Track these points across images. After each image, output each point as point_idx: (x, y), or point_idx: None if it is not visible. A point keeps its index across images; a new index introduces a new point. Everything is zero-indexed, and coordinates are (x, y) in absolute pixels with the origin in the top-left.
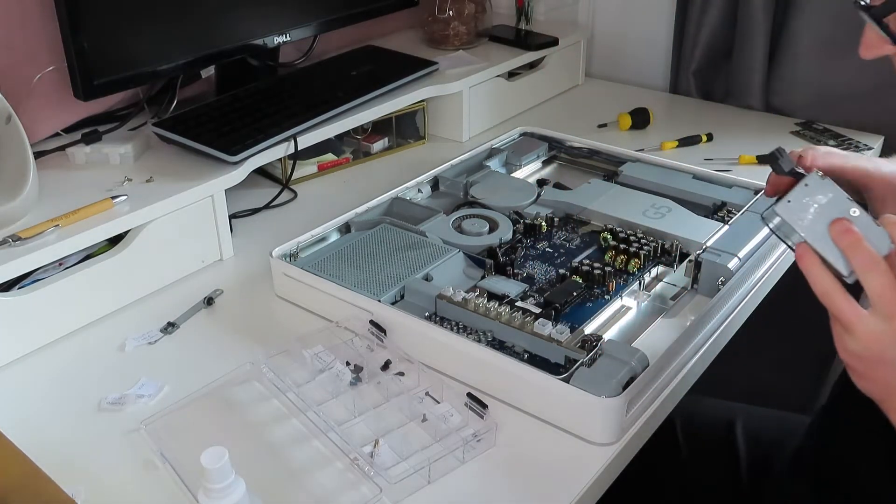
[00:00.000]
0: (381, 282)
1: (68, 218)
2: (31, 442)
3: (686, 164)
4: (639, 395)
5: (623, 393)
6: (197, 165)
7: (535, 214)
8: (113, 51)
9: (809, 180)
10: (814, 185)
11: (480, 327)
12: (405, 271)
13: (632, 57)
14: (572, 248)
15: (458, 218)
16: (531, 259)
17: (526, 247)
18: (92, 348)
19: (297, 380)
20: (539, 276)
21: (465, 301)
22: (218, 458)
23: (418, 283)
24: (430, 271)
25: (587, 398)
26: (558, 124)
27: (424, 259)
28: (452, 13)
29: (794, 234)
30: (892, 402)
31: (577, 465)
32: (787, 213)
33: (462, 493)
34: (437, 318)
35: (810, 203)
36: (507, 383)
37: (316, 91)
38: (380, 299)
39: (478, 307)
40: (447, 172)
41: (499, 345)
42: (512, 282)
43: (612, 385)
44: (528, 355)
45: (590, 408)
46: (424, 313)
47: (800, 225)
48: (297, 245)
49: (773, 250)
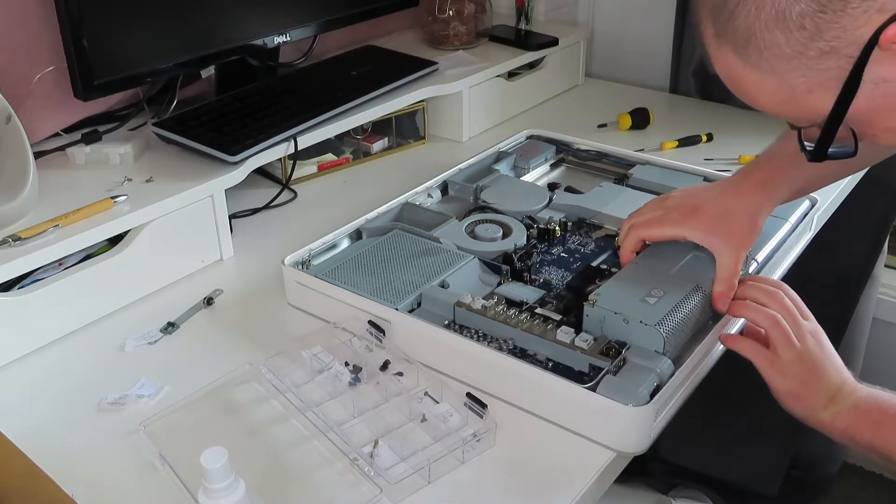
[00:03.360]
0: (396, 289)
1: (68, 218)
2: (31, 442)
3: (695, 167)
4: (665, 402)
5: (652, 401)
6: (197, 165)
7: (549, 219)
8: (113, 51)
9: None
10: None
11: (501, 335)
12: (421, 278)
13: (632, 57)
14: (587, 252)
15: (471, 223)
16: (547, 264)
17: (541, 252)
18: (92, 348)
19: (296, 380)
20: (556, 281)
21: (484, 308)
22: (218, 457)
23: (435, 290)
24: (447, 278)
25: (615, 407)
26: (558, 124)
27: (439, 266)
28: (452, 13)
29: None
30: (809, 398)
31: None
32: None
33: (462, 493)
34: (455, 325)
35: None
36: (529, 392)
37: (316, 91)
38: (397, 308)
39: (497, 315)
40: (456, 177)
41: (520, 353)
42: (530, 288)
43: (640, 393)
44: (552, 363)
45: (618, 416)
46: (443, 321)
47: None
48: (310, 252)
49: (791, 250)
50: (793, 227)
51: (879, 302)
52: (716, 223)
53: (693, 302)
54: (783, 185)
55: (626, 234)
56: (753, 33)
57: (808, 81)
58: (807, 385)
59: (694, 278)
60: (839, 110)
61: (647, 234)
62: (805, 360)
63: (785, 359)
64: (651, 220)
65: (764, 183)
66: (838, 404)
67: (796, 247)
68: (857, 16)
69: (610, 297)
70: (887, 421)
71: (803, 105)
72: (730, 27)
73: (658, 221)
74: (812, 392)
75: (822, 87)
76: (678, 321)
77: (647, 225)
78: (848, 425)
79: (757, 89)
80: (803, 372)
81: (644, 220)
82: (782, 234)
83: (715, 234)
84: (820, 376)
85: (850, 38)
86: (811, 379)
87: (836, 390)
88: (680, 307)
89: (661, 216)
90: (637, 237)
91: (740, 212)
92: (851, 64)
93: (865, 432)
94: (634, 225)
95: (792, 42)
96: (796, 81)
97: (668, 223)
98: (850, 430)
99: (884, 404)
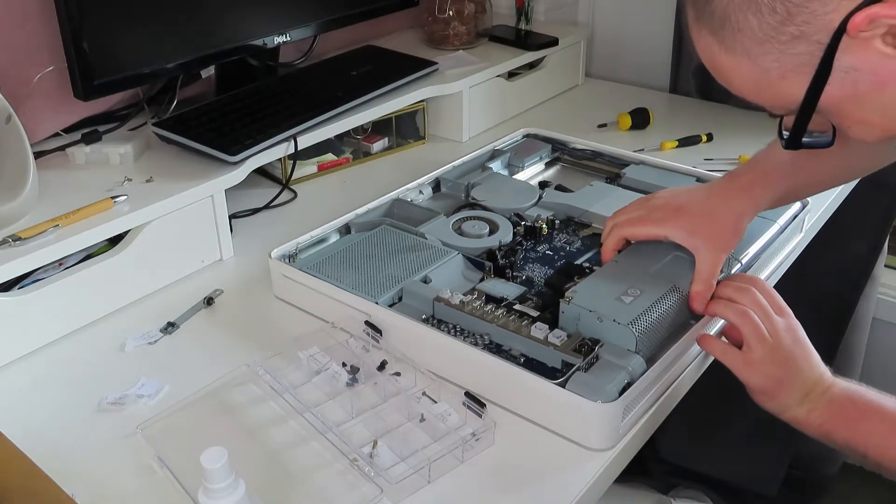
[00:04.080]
0: (379, 284)
1: (68, 218)
2: (31, 442)
3: (689, 167)
4: (635, 400)
5: (619, 399)
6: (197, 165)
7: (536, 217)
8: (113, 51)
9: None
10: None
11: (477, 330)
12: (404, 273)
13: (632, 57)
14: (573, 250)
15: (459, 220)
16: (531, 262)
17: (525, 249)
18: (92, 348)
19: (293, 381)
20: (538, 279)
21: (462, 304)
22: (218, 458)
23: (416, 285)
24: (429, 273)
25: (583, 403)
26: (558, 124)
27: (423, 261)
28: (452, 13)
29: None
30: (783, 393)
31: (572, 471)
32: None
33: (462, 492)
34: (434, 320)
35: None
36: (503, 387)
37: (316, 91)
38: (377, 301)
39: (475, 310)
40: (449, 174)
41: (496, 348)
42: (511, 285)
43: (608, 390)
44: (525, 359)
45: (585, 413)
46: (422, 316)
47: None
48: (297, 246)
49: (779, 252)
50: (781, 228)
51: (879, 302)
52: (698, 224)
53: (669, 302)
54: (769, 189)
55: (608, 232)
56: (728, 16)
57: (780, 67)
58: (779, 381)
59: (672, 278)
60: (811, 98)
61: (630, 232)
62: (777, 355)
63: (757, 354)
64: (634, 219)
65: (750, 186)
66: (813, 400)
67: (785, 249)
68: (826, 1)
69: (586, 294)
70: (863, 418)
71: (777, 91)
72: (707, 10)
73: (641, 220)
74: (786, 388)
75: (795, 73)
76: (653, 321)
77: (630, 224)
78: (824, 422)
79: (733, 73)
80: (776, 367)
81: (627, 219)
82: (769, 235)
83: (697, 235)
84: (793, 372)
85: (819, 24)
86: (784, 374)
87: (811, 385)
88: (655, 307)
89: (644, 215)
90: (619, 235)
91: (724, 214)
92: (822, 50)
93: (842, 430)
94: (618, 224)
95: (764, 26)
96: (769, 66)
97: (651, 222)
98: (825, 427)
99: (858, 400)
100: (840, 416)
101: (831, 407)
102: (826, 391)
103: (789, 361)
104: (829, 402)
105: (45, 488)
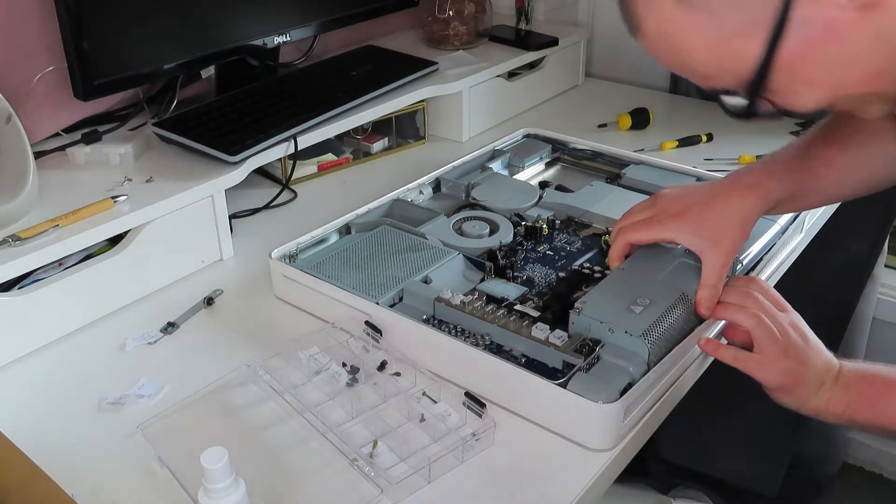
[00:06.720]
0: (379, 284)
1: (68, 218)
2: (31, 442)
3: (689, 167)
4: (636, 401)
5: (620, 399)
6: (197, 165)
7: (536, 217)
8: (113, 51)
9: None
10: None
11: (478, 331)
12: (404, 273)
13: (632, 57)
14: (573, 251)
15: (459, 220)
16: (531, 262)
17: (526, 249)
18: (92, 348)
19: (293, 381)
20: (539, 279)
21: (462, 304)
22: (218, 458)
23: (417, 285)
24: (430, 273)
25: (584, 404)
26: (558, 124)
27: (424, 261)
28: (452, 13)
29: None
30: (801, 387)
31: (572, 471)
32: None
33: (462, 492)
34: (435, 321)
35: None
36: (503, 387)
37: (316, 91)
38: (377, 302)
39: (475, 310)
40: (449, 174)
41: (496, 349)
42: (511, 285)
43: (609, 391)
44: (526, 359)
45: (586, 413)
46: (422, 316)
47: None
48: (297, 246)
49: (780, 252)
50: (782, 228)
51: (879, 302)
52: (704, 226)
53: (678, 311)
54: (775, 189)
55: (614, 237)
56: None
57: (738, 20)
58: (796, 376)
59: (680, 286)
60: (770, 54)
61: (635, 237)
62: (790, 351)
63: (771, 355)
64: (638, 223)
65: (755, 186)
66: (829, 389)
67: (786, 248)
68: None
69: (596, 305)
70: (880, 396)
71: (731, 52)
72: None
73: (646, 224)
74: (802, 381)
75: (753, 28)
76: (663, 331)
77: (635, 229)
78: (845, 408)
79: (689, 35)
80: (791, 364)
81: (631, 224)
82: (770, 235)
83: (703, 238)
84: (806, 364)
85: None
86: (799, 369)
87: (823, 374)
88: (665, 317)
89: (648, 219)
90: (625, 241)
91: (729, 215)
92: (781, 1)
93: (864, 412)
94: (623, 229)
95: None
96: (727, 18)
97: (656, 226)
98: (847, 413)
99: (872, 379)
100: (858, 399)
101: (848, 392)
102: (838, 377)
103: (801, 355)
104: (845, 388)
105: (45, 488)
